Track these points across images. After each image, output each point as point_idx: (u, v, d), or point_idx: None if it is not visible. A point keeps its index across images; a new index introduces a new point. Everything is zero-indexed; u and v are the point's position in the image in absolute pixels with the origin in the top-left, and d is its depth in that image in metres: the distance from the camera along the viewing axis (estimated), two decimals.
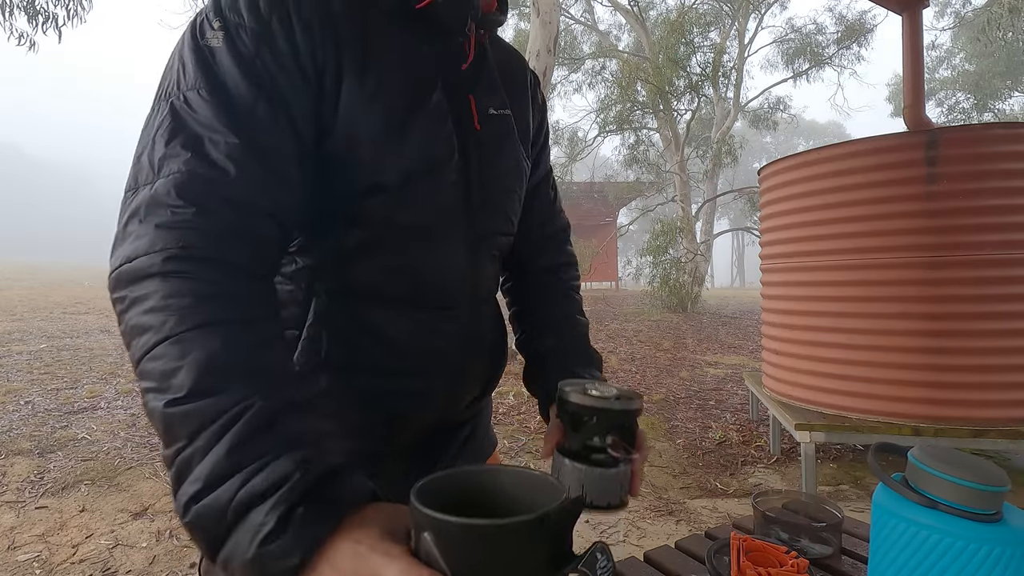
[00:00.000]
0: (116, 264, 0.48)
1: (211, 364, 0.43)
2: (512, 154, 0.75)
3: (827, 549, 0.81)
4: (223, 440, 0.41)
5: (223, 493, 0.40)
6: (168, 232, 0.47)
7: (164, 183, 0.48)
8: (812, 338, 3.12)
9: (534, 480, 0.49)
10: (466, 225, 0.69)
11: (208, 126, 0.50)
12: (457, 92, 0.67)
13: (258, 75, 0.53)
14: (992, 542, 0.51)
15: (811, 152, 3.18)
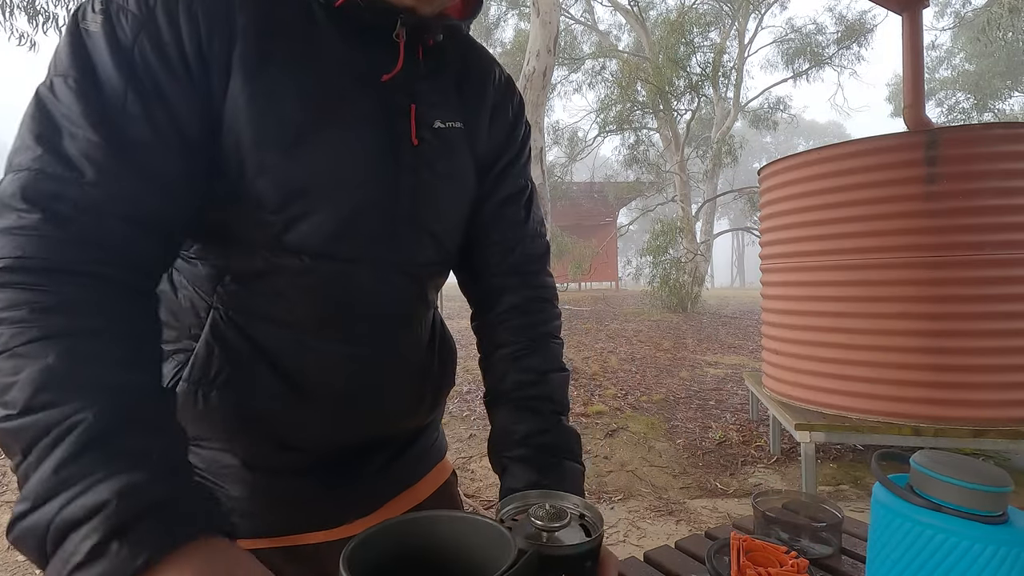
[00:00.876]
0: None
1: (45, 379, 0.40)
2: (459, 174, 0.67)
3: (827, 549, 0.81)
4: (51, 456, 0.38)
5: (44, 514, 0.37)
6: (10, 238, 0.43)
7: (11, 180, 0.44)
8: (812, 338, 3.12)
9: (479, 528, 0.46)
10: (385, 251, 0.62)
11: (69, 118, 0.45)
12: (393, 103, 0.60)
13: (133, 65, 0.48)
14: (997, 543, 0.51)
15: (811, 152, 3.18)
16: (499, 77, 0.74)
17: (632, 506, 2.94)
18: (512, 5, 17.92)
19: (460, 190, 0.69)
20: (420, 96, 0.63)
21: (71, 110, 0.45)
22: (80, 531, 0.36)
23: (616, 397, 4.89)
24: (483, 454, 3.57)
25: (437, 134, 0.64)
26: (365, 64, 0.58)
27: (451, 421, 4.14)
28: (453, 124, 0.66)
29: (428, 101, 0.63)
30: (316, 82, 0.55)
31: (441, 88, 0.66)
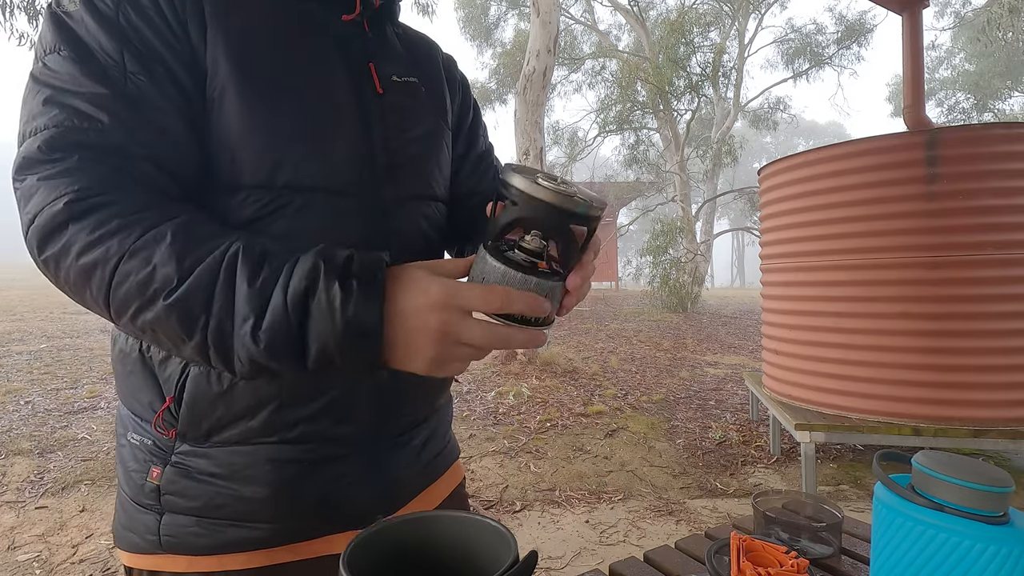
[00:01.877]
0: (24, 230, 0.47)
1: (176, 250, 0.44)
2: (425, 120, 0.71)
3: (827, 549, 0.81)
4: (237, 281, 0.44)
5: (275, 311, 0.43)
6: (57, 180, 0.46)
7: (35, 140, 0.47)
8: (812, 338, 3.12)
9: (478, 528, 0.46)
10: (370, 193, 0.63)
11: (72, 82, 0.48)
12: (355, 58, 0.64)
13: (123, 31, 0.50)
14: (999, 542, 0.51)
15: (811, 152, 3.18)
16: (442, 54, 0.82)
17: (632, 506, 2.94)
18: (512, 5, 17.92)
19: (435, 136, 0.73)
20: (375, 56, 0.67)
21: (71, 75, 0.48)
22: (317, 294, 0.43)
23: (616, 397, 4.89)
24: (483, 454, 3.57)
25: (396, 87, 0.68)
26: (328, 17, 0.63)
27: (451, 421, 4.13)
28: (409, 79, 0.70)
29: (383, 59, 0.68)
30: (284, 31, 0.59)
31: (392, 49, 0.71)
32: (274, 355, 0.44)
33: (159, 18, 0.52)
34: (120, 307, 0.46)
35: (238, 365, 0.46)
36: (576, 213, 0.48)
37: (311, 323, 0.44)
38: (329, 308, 0.43)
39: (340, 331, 0.43)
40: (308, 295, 0.43)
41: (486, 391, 4.90)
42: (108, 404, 4.27)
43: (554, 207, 0.47)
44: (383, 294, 0.45)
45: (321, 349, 0.44)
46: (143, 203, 0.47)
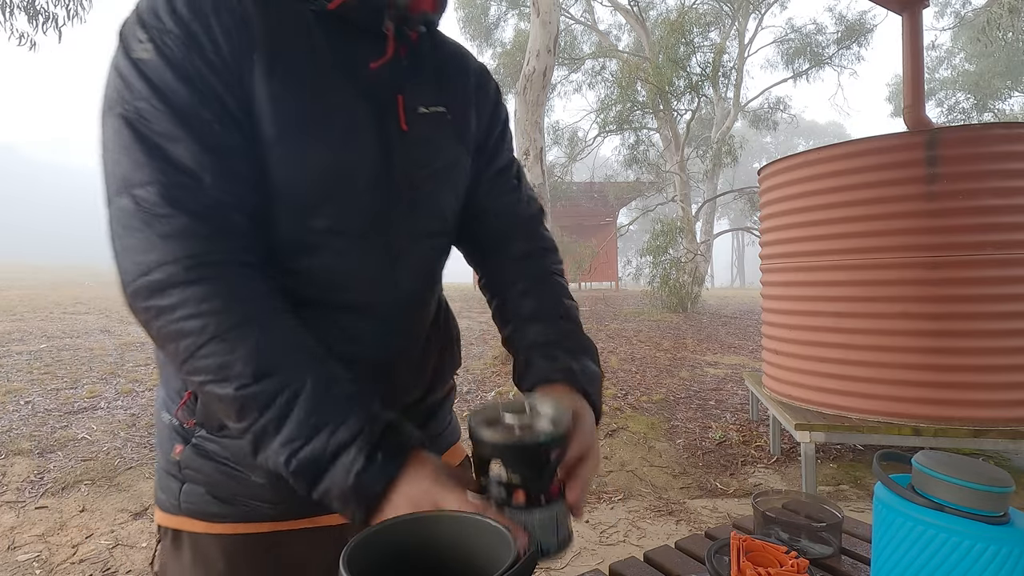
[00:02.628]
0: (131, 278, 0.53)
1: (260, 354, 0.52)
2: (447, 152, 0.73)
3: (827, 549, 0.81)
4: (297, 407, 0.51)
5: (317, 445, 0.51)
6: (172, 242, 0.52)
7: (145, 193, 0.52)
8: (812, 338, 3.12)
9: (479, 528, 0.46)
10: (387, 228, 0.68)
11: (165, 134, 0.54)
12: (381, 92, 0.66)
13: (192, 78, 0.55)
14: (999, 542, 0.51)
15: (811, 152, 3.18)
16: (475, 66, 0.81)
17: (632, 506, 2.94)
18: (512, 5, 17.92)
19: (450, 166, 0.74)
20: (405, 87, 0.69)
21: (164, 127, 0.54)
22: (350, 451, 0.51)
23: (616, 397, 4.89)
24: None
25: (422, 118, 0.70)
26: (357, 59, 0.65)
27: None
28: (436, 109, 0.71)
29: (412, 91, 0.69)
30: (320, 79, 0.62)
31: (422, 79, 0.72)
32: (292, 475, 0.52)
33: (219, 62, 0.56)
34: (192, 371, 0.53)
35: (259, 458, 0.53)
36: (534, 445, 0.51)
37: (333, 470, 0.51)
38: (350, 466, 0.51)
39: (348, 486, 0.51)
40: (342, 450, 0.51)
41: (486, 391, 4.90)
42: (108, 404, 4.27)
43: (508, 447, 0.51)
44: (397, 473, 0.52)
45: (327, 490, 0.52)
46: (243, 281, 0.55)
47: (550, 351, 0.72)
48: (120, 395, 4.51)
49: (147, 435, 3.67)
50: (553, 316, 0.76)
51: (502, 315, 0.81)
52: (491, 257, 0.83)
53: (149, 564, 0.77)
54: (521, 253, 0.82)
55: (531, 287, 0.79)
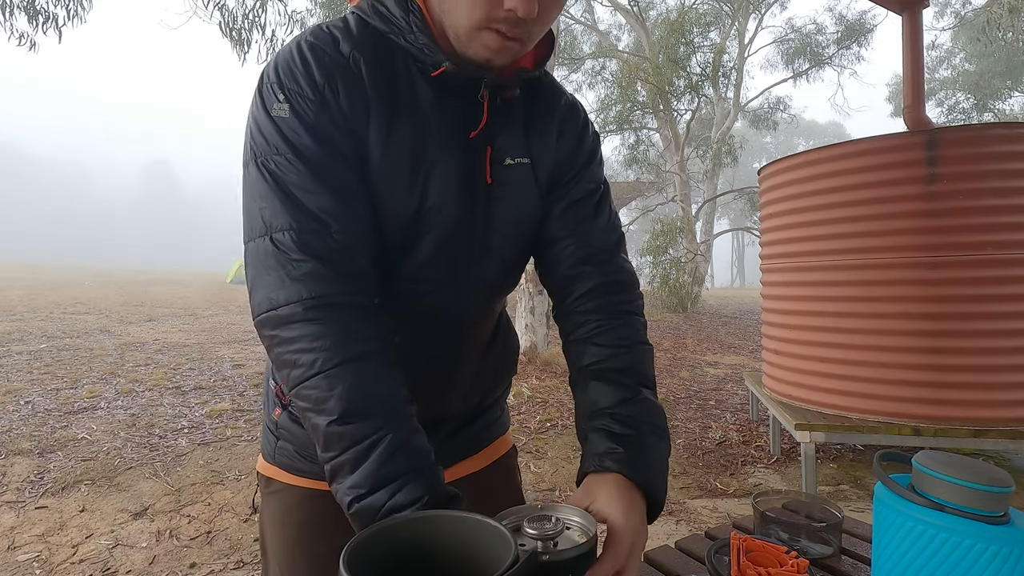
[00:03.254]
0: (262, 309, 0.61)
1: (353, 396, 0.57)
2: (527, 204, 0.78)
3: (827, 549, 0.81)
4: (371, 458, 0.56)
5: (377, 499, 0.55)
6: (301, 283, 0.59)
7: (282, 237, 0.60)
8: (812, 338, 3.11)
9: (478, 528, 0.46)
10: (462, 274, 0.75)
11: (302, 186, 0.62)
12: (473, 147, 0.72)
13: (322, 137, 0.63)
14: (999, 542, 0.51)
15: (811, 152, 3.18)
16: (563, 104, 0.83)
17: None
18: None
19: (526, 217, 0.79)
20: (495, 139, 0.74)
21: (300, 179, 0.62)
22: (407, 510, 0.53)
23: None
24: None
25: (506, 171, 0.75)
26: (459, 120, 0.71)
27: None
28: (521, 160, 0.76)
29: (501, 142, 0.74)
30: (422, 138, 0.69)
31: (511, 128, 0.76)
32: (351, 516, 0.56)
33: (344, 122, 0.65)
34: (297, 397, 0.59)
35: (332, 487, 0.58)
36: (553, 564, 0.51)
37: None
38: None
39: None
40: (397, 510, 0.54)
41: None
42: (108, 404, 4.27)
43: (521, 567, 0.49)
44: None
45: None
46: (355, 324, 0.61)
47: (609, 424, 0.68)
48: (120, 395, 4.51)
49: (147, 435, 3.67)
50: (617, 371, 0.73)
51: (568, 358, 0.79)
52: (562, 288, 0.81)
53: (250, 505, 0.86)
54: (593, 288, 0.78)
55: (599, 329, 0.76)
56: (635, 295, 0.81)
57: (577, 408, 0.75)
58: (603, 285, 0.78)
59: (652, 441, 0.68)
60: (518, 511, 0.58)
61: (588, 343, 0.76)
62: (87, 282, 16.44)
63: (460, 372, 0.83)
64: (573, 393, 0.76)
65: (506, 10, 0.61)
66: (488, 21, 0.63)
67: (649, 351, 0.77)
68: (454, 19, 0.65)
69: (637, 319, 0.79)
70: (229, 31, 8.28)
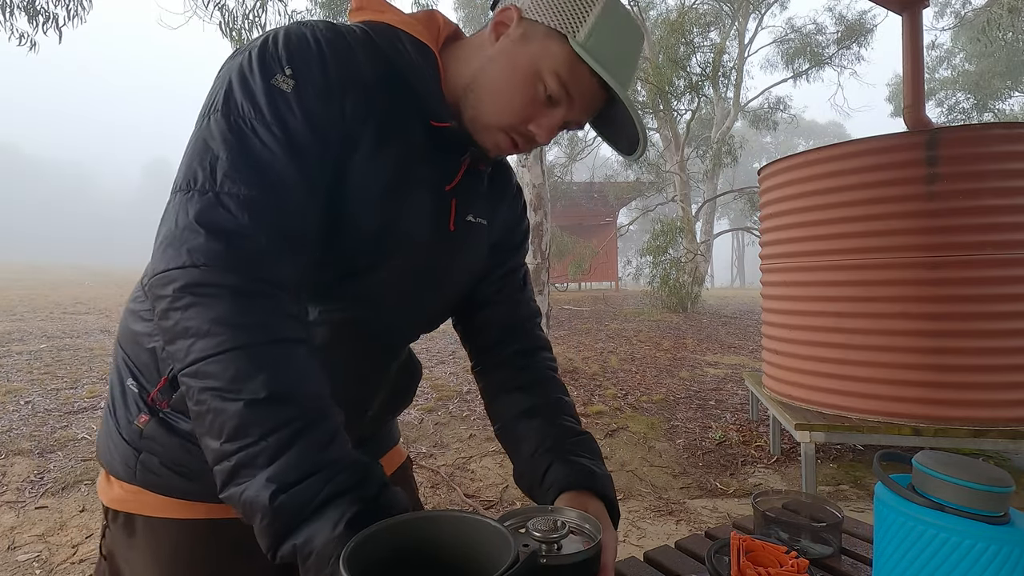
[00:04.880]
0: (176, 264, 0.52)
1: (283, 377, 0.52)
2: (478, 259, 0.83)
3: (827, 549, 0.81)
4: (299, 444, 0.50)
5: (311, 487, 0.49)
6: (238, 253, 0.53)
7: (232, 201, 0.55)
8: (812, 338, 3.11)
9: (479, 528, 0.46)
10: (411, 306, 0.78)
11: (276, 162, 0.57)
12: (445, 196, 0.74)
13: (315, 128, 0.60)
14: (999, 542, 0.51)
15: (811, 152, 3.18)
16: (514, 185, 0.92)
17: (632, 506, 2.94)
18: None
19: (475, 271, 0.84)
20: (461, 194, 0.76)
21: (278, 156, 0.57)
22: (344, 499, 0.49)
23: (616, 397, 4.89)
24: (483, 454, 3.56)
25: (467, 225, 0.78)
26: (439, 169, 0.73)
27: (451, 421, 4.13)
28: (480, 219, 0.80)
29: (466, 199, 0.77)
30: (405, 166, 0.68)
31: (477, 190, 0.80)
32: (271, 513, 0.48)
33: (341, 121, 0.63)
34: (196, 374, 0.51)
35: (229, 489, 0.50)
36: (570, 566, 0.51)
37: (318, 520, 0.48)
38: (340, 517, 0.48)
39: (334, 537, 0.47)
40: (335, 498, 0.49)
41: None
42: None
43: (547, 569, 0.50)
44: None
45: (306, 541, 0.48)
46: (284, 305, 0.56)
47: (564, 454, 0.74)
48: None
49: None
50: (557, 414, 0.81)
51: (495, 409, 0.86)
52: (488, 349, 0.89)
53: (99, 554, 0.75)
54: (517, 350, 0.88)
55: (526, 379, 0.85)
56: (550, 355, 0.91)
57: (518, 452, 0.79)
58: (528, 348, 0.88)
59: (599, 465, 0.76)
60: (524, 512, 0.58)
61: (517, 391, 0.83)
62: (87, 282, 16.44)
63: (375, 395, 0.83)
64: (506, 443, 0.82)
65: (529, 130, 0.67)
66: (511, 129, 0.68)
67: (571, 402, 0.86)
68: (482, 109, 0.68)
69: (555, 375, 0.88)
70: (229, 31, 8.28)
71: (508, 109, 0.67)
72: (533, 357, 0.88)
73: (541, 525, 0.54)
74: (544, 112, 0.67)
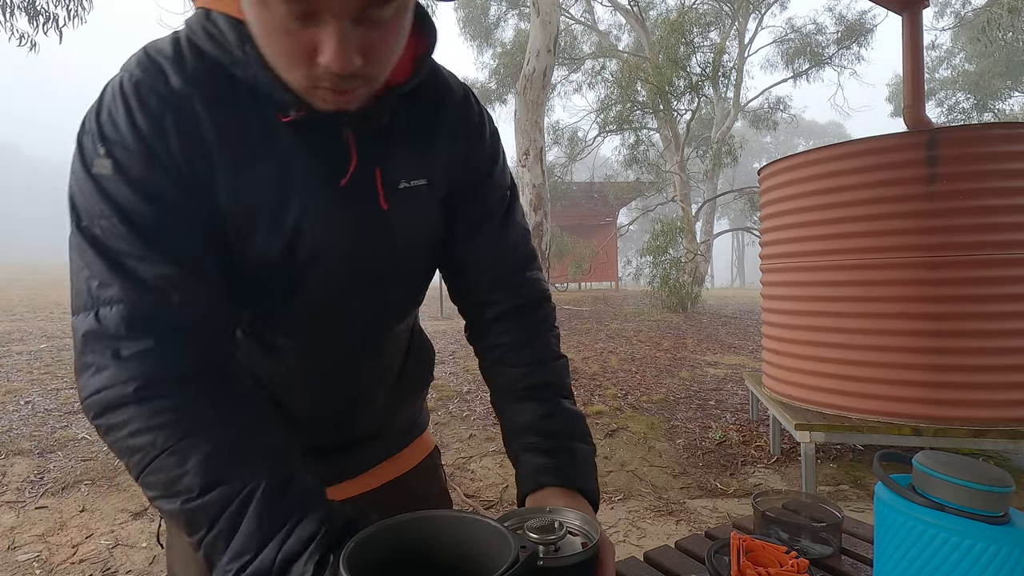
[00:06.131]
0: (86, 394, 0.53)
1: (210, 463, 0.50)
2: (427, 226, 0.72)
3: (827, 549, 0.81)
4: (248, 517, 0.49)
5: (266, 557, 0.49)
6: (132, 363, 0.52)
7: (109, 314, 0.52)
8: (812, 338, 3.11)
9: (479, 528, 0.46)
10: (363, 304, 0.71)
11: (132, 254, 0.53)
12: (358, 174, 0.63)
13: (153, 196, 0.54)
14: (1000, 542, 0.51)
15: (811, 152, 3.18)
16: (454, 106, 0.72)
17: (632, 506, 2.94)
18: (512, 5, 17.93)
19: (428, 240, 0.73)
20: (383, 160, 0.65)
21: (128, 245, 0.53)
22: (302, 558, 0.48)
23: (616, 397, 4.89)
24: (483, 454, 3.56)
25: (402, 194, 0.67)
26: (328, 159, 0.62)
27: (451, 421, 4.13)
28: (416, 182, 0.68)
29: (391, 164, 0.66)
30: (281, 181, 0.60)
31: (400, 151, 0.67)
32: None
33: (178, 174, 0.56)
34: (145, 486, 0.53)
35: (210, 568, 0.51)
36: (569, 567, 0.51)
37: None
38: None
39: None
40: (294, 559, 0.49)
41: (486, 391, 4.89)
42: None
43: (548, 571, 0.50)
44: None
45: None
46: (199, 393, 0.54)
47: (536, 442, 0.70)
48: None
49: None
50: (535, 387, 0.74)
51: (486, 379, 0.80)
52: (475, 311, 0.80)
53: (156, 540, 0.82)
54: (505, 310, 0.78)
55: (513, 350, 0.76)
56: (546, 310, 0.80)
57: (502, 429, 0.76)
58: (514, 307, 0.78)
59: (578, 447, 0.71)
60: (522, 512, 0.58)
61: (504, 365, 0.76)
62: None
63: (374, 394, 0.80)
64: (497, 415, 0.78)
65: (319, 65, 0.51)
66: (312, 80, 0.53)
67: (563, 364, 0.78)
68: (282, 74, 0.55)
69: (549, 335, 0.78)
70: None
71: (280, 59, 0.53)
72: (519, 319, 0.78)
73: (539, 526, 0.54)
74: (307, 36, 0.50)
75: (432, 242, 0.74)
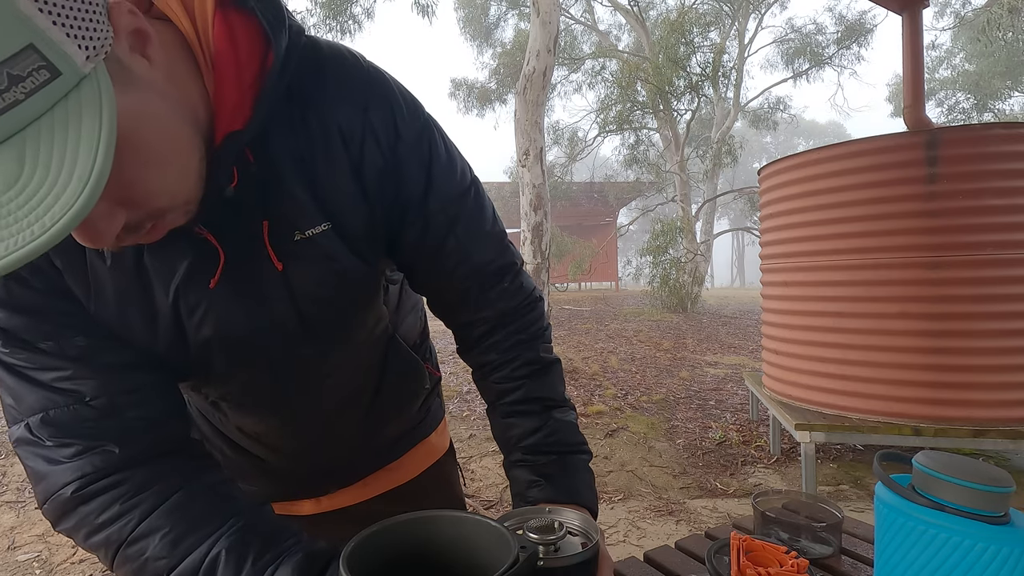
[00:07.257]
0: (39, 504, 0.56)
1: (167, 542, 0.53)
2: (342, 273, 0.61)
3: (827, 549, 0.81)
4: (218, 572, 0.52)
5: None
6: (62, 467, 0.54)
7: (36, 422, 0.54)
8: (812, 338, 3.11)
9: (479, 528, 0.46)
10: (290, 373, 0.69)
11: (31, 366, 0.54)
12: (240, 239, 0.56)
13: (27, 308, 0.54)
14: (1000, 543, 0.51)
15: (811, 152, 3.18)
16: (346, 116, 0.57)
17: (632, 506, 2.94)
18: (512, 5, 17.92)
19: (346, 287, 0.64)
20: (269, 211, 0.55)
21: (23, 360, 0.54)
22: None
23: (616, 397, 4.89)
24: (483, 454, 3.56)
25: (300, 246, 0.57)
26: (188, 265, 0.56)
27: (451, 421, 4.13)
28: (315, 229, 0.58)
29: (280, 215, 0.56)
30: (133, 292, 0.56)
31: (288, 198, 0.56)
32: None
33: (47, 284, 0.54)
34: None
35: None
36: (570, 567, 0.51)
37: None
38: None
39: None
40: None
41: None
42: None
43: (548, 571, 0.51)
44: None
45: None
46: (142, 482, 0.55)
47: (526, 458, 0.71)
48: None
49: None
50: (522, 402, 0.72)
51: (479, 390, 0.79)
52: (460, 331, 0.76)
53: None
54: (489, 329, 0.73)
55: (498, 365, 0.73)
56: (532, 316, 0.74)
57: (496, 441, 0.77)
58: (498, 323, 0.73)
59: (569, 460, 0.71)
60: (522, 513, 0.58)
61: (491, 381, 0.74)
62: None
63: (349, 427, 0.80)
64: (490, 425, 0.78)
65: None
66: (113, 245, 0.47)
67: (554, 368, 0.74)
68: None
69: (537, 343, 0.74)
70: None
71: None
72: (502, 331, 0.73)
73: (539, 526, 0.54)
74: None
75: (352, 288, 0.65)
